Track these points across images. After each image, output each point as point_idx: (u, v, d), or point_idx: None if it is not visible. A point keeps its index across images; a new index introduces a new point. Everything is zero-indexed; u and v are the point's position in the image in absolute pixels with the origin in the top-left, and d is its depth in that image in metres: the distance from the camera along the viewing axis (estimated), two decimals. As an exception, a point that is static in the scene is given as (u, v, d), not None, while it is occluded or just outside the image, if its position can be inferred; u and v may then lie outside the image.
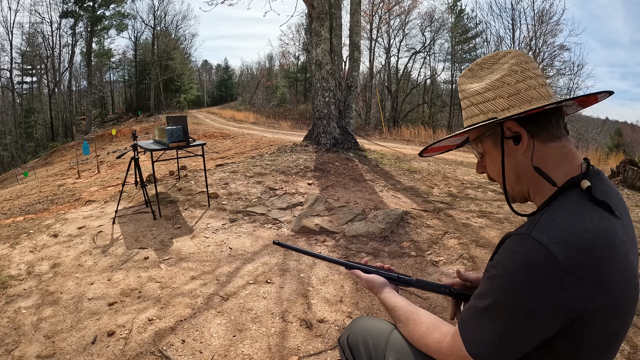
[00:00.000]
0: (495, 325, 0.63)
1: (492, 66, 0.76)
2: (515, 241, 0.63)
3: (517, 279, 0.60)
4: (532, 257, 0.59)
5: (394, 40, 26.99)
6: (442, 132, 15.77)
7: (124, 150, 11.96)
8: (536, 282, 0.58)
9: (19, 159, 27.95)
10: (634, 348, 1.93)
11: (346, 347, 1.04)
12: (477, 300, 0.67)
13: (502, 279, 0.62)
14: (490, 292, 0.64)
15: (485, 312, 0.64)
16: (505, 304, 0.61)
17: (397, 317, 0.89)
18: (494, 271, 0.64)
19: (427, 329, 0.80)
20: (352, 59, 8.28)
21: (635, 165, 6.18)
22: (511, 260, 0.62)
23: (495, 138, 0.75)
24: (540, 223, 0.62)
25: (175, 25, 35.81)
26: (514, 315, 0.60)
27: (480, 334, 0.64)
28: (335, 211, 3.76)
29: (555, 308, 0.58)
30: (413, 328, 0.84)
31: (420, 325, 0.82)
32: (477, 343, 0.64)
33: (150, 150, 3.71)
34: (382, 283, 0.99)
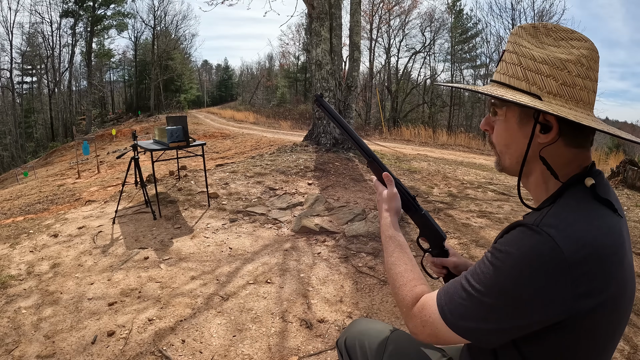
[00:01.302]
0: (483, 305, 0.61)
1: (559, 41, 0.68)
2: (523, 230, 0.61)
3: (520, 266, 0.59)
4: (539, 248, 0.58)
5: (394, 40, 27.00)
6: (442, 132, 15.75)
7: (124, 150, 11.96)
8: (539, 273, 0.57)
9: (19, 159, 27.95)
10: (634, 348, 1.93)
11: (344, 350, 1.04)
12: (472, 277, 0.65)
13: (503, 263, 0.60)
14: (488, 273, 0.62)
15: (476, 290, 0.62)
16: (502, 288, 0.60)
17: (391, 249, 0.86)
18: (497, 254, 0.62)
19: (413, 280, 0.78)
20: (352, 59, 8.28)
21: (635, 165, 6.18)
22: (517, 247, 0.60)
23: (525, 113, 0.69)
24: (548, 216, 0.62)
25: (175, 25, 35.84)
26: (507, 300, 0.59)
27: (464, 309, 0.63)
28: (335, 211, 3.76)
29: (553, 301, 0.57)
30: (398, 270, 0.81)
31: (408, 272, 0.80)
32: (458, 315, 0.64)
33: (150, 150, 3.71)
34: (397, 207, 0.93)
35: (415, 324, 0.72)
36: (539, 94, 0.67)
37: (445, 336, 0.67)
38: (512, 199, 4.58)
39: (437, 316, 0.67)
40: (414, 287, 0.77)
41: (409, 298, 0.75)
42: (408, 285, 0.78)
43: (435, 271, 1.02)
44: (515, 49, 0.70)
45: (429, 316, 0.68)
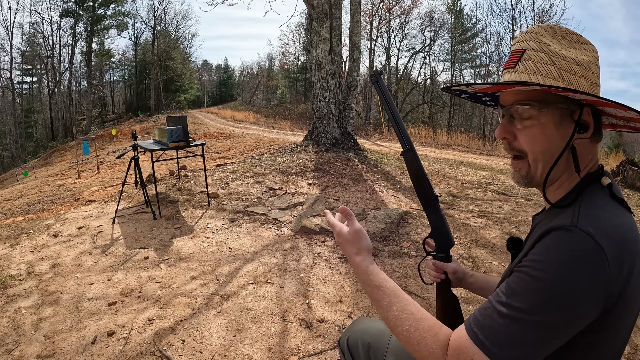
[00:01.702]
0: (534, 324, 0.57)
1: (574, 43, 0.68)
2: (560, 234, 0.60)
3: (566, 270, 0.56)
4: (583, 248, 0.57)
5: (394, 40, 27.02)
6: (442, 132, 15.76)
7: (124, 150, 11.96)
8: (585, 272, 0.56)
9: (19, 159, 27.95)
10: (634, 348, 1.93)
11: (346, 350, 1.04)
12: (510, 299, 0.60)
13: (547, 272, 0.57)
14: (531, 288, 0.58)
15: (522, 311, 0.58)
16: (551, 298, 0.56)
17: (387, 302, 0.74)
18: (537, 265, 0.59)
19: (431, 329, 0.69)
20: (352, 59, 8.29)
21: (635, 165, 6.18)
22: (558, 252, 0.58)
23: (564, 115, 0.66)
24: (582, 216, 0.61)
25: (175, 25, 35.85)
26: (559, 310, 0.56)
27: (512, 337, 0.58)
28: (335, 211, 3.76)
29: (597, 300, 0.57)
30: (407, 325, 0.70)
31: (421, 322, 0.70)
32: (506, 346, 0.58)
33: (150, 150, 3.71)
34: (367, 246, 0.80)
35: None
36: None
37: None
38: (512, 199, 4.58)
39: (480, 356, 0.60)
40: (435, 336, 0.68)
41: (436, 350, 0.67)
42: (428, 337, 0.68)
43: (433, 275, 1.00)
44: (543, 47, 0.68)
45: (468, 354, 0.61)
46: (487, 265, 2.81)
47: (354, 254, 0.80)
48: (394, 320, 0.72)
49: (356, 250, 0.79)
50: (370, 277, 0.76)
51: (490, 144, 14.03)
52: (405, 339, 0.70)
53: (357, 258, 0.79)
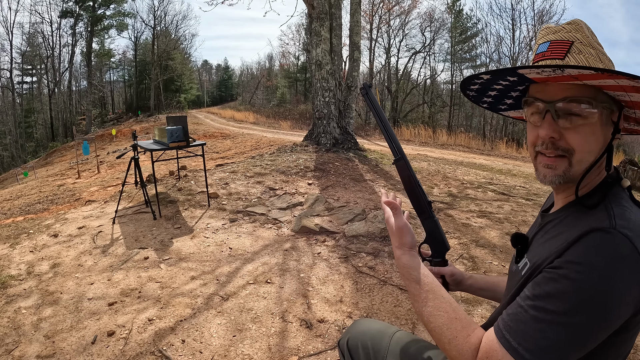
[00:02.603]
0: (571, 327, 0.56)
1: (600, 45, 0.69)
2: (599, 235, 0.59)
3: (607, 273, 0.56)
4: (623, 251, 0.57)
5: (394, 40, 27.02)
6: (442, 132, 15.75)
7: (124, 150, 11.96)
8: (624, 274, 0.56)
9: (19, 159, 27.95)
10: (634, 348, 1.93)
11: (346, 351, 1.03)
12: (545, 302, 0.58)
13: (587, 275, 0.56)
14: (569, 290, 0.57)
15: (559, 314, 0.57)
16: (590, 301, 0.56)
17: (423, 297, 0.74)
18: (575, 268, 0.57)
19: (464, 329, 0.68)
20: (352, 59, 8.29)
21: (635, 165, 6.19)
22: (599, 255, 0.57)
23: (607, 115, 0.66)
24: (618, 217, 0.61)
25: (175, 25, 35.86)
26: (597, 312, 0.56)
27: (547, 341, 0.57)
28: (335, 211, 3.76)
29: (633, 301, 0.57)
30: (441, 322, 0.70)
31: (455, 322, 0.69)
32: (540, 351, 0.57)
33: (150, 150, 3.71)
34: (411, 242, 0.81)
35: None
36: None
37: None
38: (512, 199, 4.58)
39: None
40: (467, 337, 0.67)
41: (466, 351, 0.66)
42: (460, 337, 0.68)
43: None
44: (590, 42, 0.66)
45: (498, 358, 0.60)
46: (487, 265, 2.81)
47: (396, 247, 0.82)
48: (428, 316, 0.72)
49: (398, 244, 0.81)
50: (409, 271, 0.77)
51: (490, 144, 14.04)
52: (437, 336, 0.70)
53: (398, 251, 0.81)
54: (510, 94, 0.83)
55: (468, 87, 0.83)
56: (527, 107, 0.72)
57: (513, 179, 6.15)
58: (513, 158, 10.77)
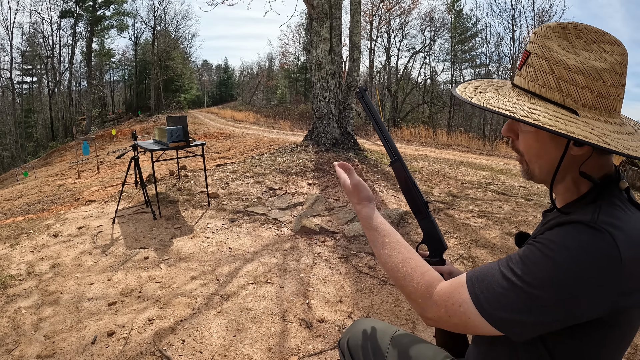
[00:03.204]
0: (529, 297, 0.58)
1: (591, 44, 0.64)
2: (580, 227, 0.60)
3: (579, 260, 0.56)
4: (600, 245, 0.57)
5: (394, 40, 27.04)
6: (442, 132, 15.76)
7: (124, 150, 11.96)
8: (595, 268, 0.56)
9: (19, 159, 27.95)
10: (634, 348, 1.93)
11: (346, 351, 1.04)
12: (516, 267, 0.61)
13: (560, 255, 0.58)
14: (540, 264, 0.59)
15: (523, 281, 0.59)
16: (555, 281, 0.57)
17: (380, 242, 0.80)
18: (551, 245, 0.59)
19: (417, 268, 0.73)
20: (352, 59, 8.29)
21: (635, 165, 6.19)
22: (576, 242, 0.58)
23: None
24: (603, 214, 0.61)
25: (175, 25, 35.86)
26: (558, 294, 0.57)
27: (505, 299, 0.60)
28: (335, 211, 3.76)
29: (601, 297, 0.57)
30: (397, 261, 0.76)
31: (409, 261, 0.75)
32: (497, 306, 0.60)
33: (150, 150, 3.71)
34: (367, 196, 0.88)
35: (439, 313, 0.67)
36: (574, 107, 0.63)
37: (475, 326, 0.63)
38: (512, 199, 4.58)
39: (469, 305, 0.63)
40: (423, 275, 0.72)
41: (422, 286, 0.70)
42: (415, 273, 0.73)
43: None
44: (545, 54, 0.65)
45: (459, 305, 0.64)
46: (487, 265, 2.80)
47: (355, 203, 0.89)
48: (385, 257, 0.79)
49: (357, 200, 0.88)
50: (368, 221, 0.84)
51: (490, 144, 14.04)
52: (394, 275, 0.76)
53: (358, 206, 0.88)
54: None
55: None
56: None
57: (513, 179, 6.15)
58: (513, 158, 10.77)
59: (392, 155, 0.96)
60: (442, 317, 0.67)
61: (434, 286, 0.70)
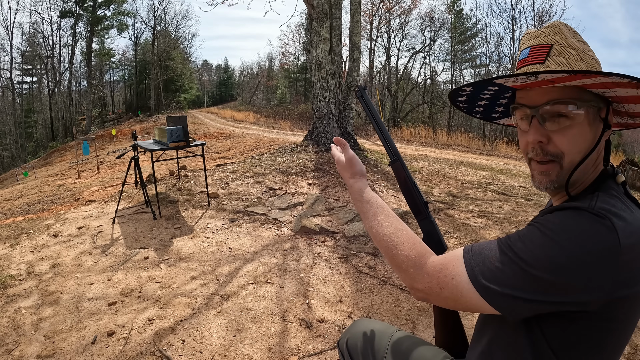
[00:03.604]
0: (526, 274, 0.58)
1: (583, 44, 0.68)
2: (580, 212, 0.59)
3: (578, 243, 0.56)
4: (600, 229, 0.56)
5: (394, 40, 27.04)
6: (442, 132, 15.75)
7: (124, 150, 11.96)
8: (594, 253, 0.56)
9: (19, 159, 27.95)
10: (634, 348, 1.93)
11: (345, 351, 1.03)
12: (514, 244, 0.60)
13: (559, 236, 0.57)
14: (538, 243, 0.58)
15: (520, 258, 0.58)
16: (552, 261, 0.56)
17: (372, 213, 0.80)
18: (551, 226, 0.59)
19: (409, 239, 0.72)
20: (352, 59, 8.29)
21: (635, 165, 6.19)
22: (576, 224, 0.58)
23: (594, 113, 0.66)
24: (600, 202, 0.61)
25: (175, 25, 35.86)
26: (555, 275, 0.56)
27: (501, 273, 0.59)
28: (335, 211, 3.76)
29: (597, 284, 0.56)
30: (389, 231, 0.75)
31: (401, 231, 0.74)
32: (491, 279, 0.59)
33: (150, 150, 3.71)
34: (361, 170, 0.89)
35: (430, 284, 0.66)
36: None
37: (467, 300, 0.62)
38: (512, 199, 4.58)
39: (463, 278, 0.62)
40: (415, 245, 0.71)
41: (414, 255, 0.69)
42: (408, 243, 0.72)
43: None
44: (570, 43, 0.66)
45: (452, 277, 0.63)
46: (487, 265, 2.80)
47: (348, 177, 0.89)
48: (377, 227, 0.78)
49: (350, 175, 0.89)
50: (360, 193, 0.85)
51: (490, 144, 14.04)
52: (385, 244, 0.75)
53: (350, 180, 0.88)
54: (499, 102, 0.84)
55: (457, 100, 0.85)
56: (515, 113, 0.72)
57: (513, 179, 6.15)
58: (513, 158, 10.77)
59: (391, 155, 0.96)
60: (432, 288, 0.66)
61: (427, 257, 0.69)
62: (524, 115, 0.70)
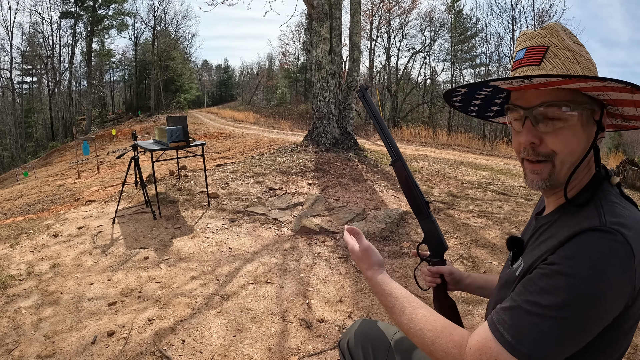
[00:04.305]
0: (563, 321, 0.56)
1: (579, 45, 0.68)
2: (592, 234, 0.59)
3: (600, 268, 0.56)
4: (615, 247, 0.57)
5: (393, 40, 27.03)
6: (442, 132, 15.75)
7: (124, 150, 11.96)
8: (616, 270, 0.56)
9: (19, 159, 27.95)
10: (634, 348, 1.93)
11: (346, 351, 1.03)
12: (538, 297, 0.59)
13: (579, 270, 0.57)
14: (561, 284, 0.57)
15: (550, 308, 0.57)
16: (582, 295, 0.56)
17: (399, 308, 0.76)
18: (568, 262, 0.58)
19: (443, 330, 0.69)
20: (352, 59, 8.29)
21: (635, 165, 6.19)
22: (592, 250, 0.57)
23: (589, 116, 0.66)
24: (608, 214, 0.61)
25: (175, 25, 35.86)
26: (588, 306, 0.56)
27: (540, 334, 0.57)
28: (335, 211, 3.76)
29: (624, 295, 0.58)
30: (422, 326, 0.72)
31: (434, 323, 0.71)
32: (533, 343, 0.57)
33: (150, 150, 3.71)
34: (378, 261, 0.87)
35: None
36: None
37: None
38: (512, 199, 4.58)
39: (506, 356, 0.59)
40: (450, 336, 0.68)
41: (452, 349, 0.66)
42: (443, 336, 0.68)
43: (428, 280, 1.02)
44: (566, 45, 0.67)
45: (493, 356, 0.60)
46: (487, 265, 2.81)
47: (365, 269, 0.86)
48: (407, 323, 0.74)
49: (367, 266, 0.86)
50: (382, 286, 0.81)
51: (490, 144, 14.04)
52: (420, 340, 0.71)
53: (368, 272, 0.85)
54: (494, 102, 0.84)
55: (451, 99, 0.85)
56: (509, 114, 0.73)
57: (513, 179, 6.15)
58: (513, 158, 10.77)
59: (393, 154, 0.96)
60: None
61: (464, 346, 0.66)
62: (518, 116, 0.70)
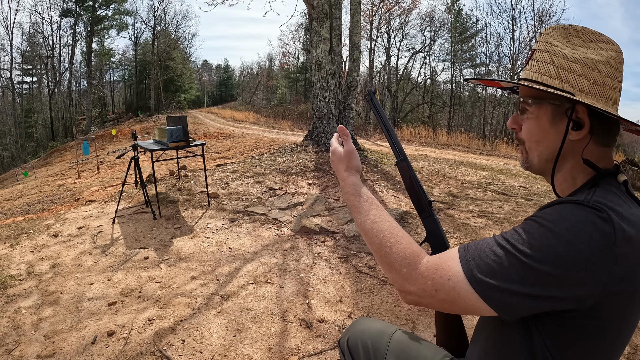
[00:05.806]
0: (524, 266, 0.57)
1: (589, 42, 0.69)
2: (577, 205, 0.60)
3: (576, 233, 0.56)
4: (596, 221, 0.57)
5: (393, 40, 27.02)
6: (442, 132, 15.76)
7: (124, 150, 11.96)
8: (592, 244, 0.56)
9: (19, 159, 27.94)
10: (634, 348, 1.93)
11: (346, 350, 1.03)
12: (511, 237, 0.60)
13: (557, 226, 0.58)
14: (536, 234, 0.58)
15: (518, 250, 0.58)
16: (552, 252, 0.56)
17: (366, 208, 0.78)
18: (548, 217, 0.59)
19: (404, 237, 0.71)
20: (352, 59, 8.28)
21: (635, 165, 6.20)
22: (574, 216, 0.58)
23: (557, 111, 0.69)
24: (597, 196, 0.62)
25: (175, 25, 35.85)
26: (554, 266, 0.56)
27: (498, 267, 0.58)
28: (335, 211, 3.76)
29: (594, 277, 0.56)
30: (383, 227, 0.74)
31: (396, 230, 0.73)
32: (488, 273, 0.59)
33: (150, 150, 3.71)
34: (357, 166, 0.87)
35: (425, 286, 0.65)
36: (572, 92, 0.67)
37: (464, 302, 0.61)
38: (512, 199, 4.58)
39: (460, 277, 0.61)
40: (410, 244, 0.70)
41: (409, 254, 0.68)
42: (403, 241, 0.71)
43: None
44: (547, 48, 0.71)
45: (448, 278, 0.62)
46: (487, 265, 2.80)
47: (342, 170, 0.86)
48: (370, 223, 0.76)
49: (345, 167, 0.86)
50: (355, 187, 0.83)
51: (490, 144, 14.04)
52: (379, 241, 0.74)
53: (344, 173, 0.86)
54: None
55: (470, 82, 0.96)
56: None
57: (513, 179, 6.15)
58: (513, 158, 10.77)
59: (398, 155, 0.97)
60: (427, 290, 0.65)
61: (421, 257, 0.68)
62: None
